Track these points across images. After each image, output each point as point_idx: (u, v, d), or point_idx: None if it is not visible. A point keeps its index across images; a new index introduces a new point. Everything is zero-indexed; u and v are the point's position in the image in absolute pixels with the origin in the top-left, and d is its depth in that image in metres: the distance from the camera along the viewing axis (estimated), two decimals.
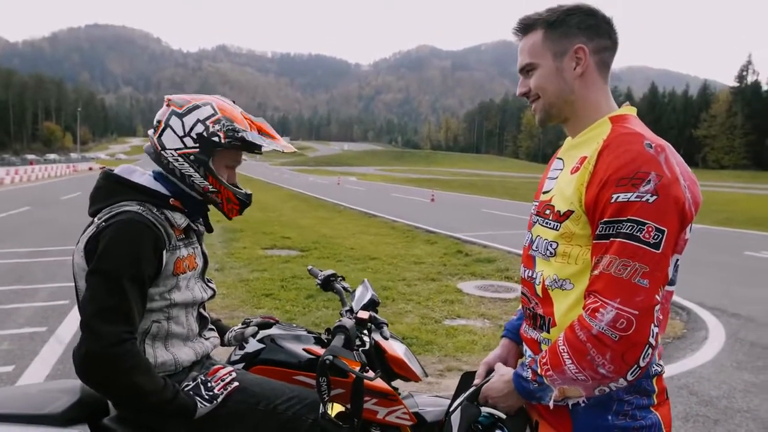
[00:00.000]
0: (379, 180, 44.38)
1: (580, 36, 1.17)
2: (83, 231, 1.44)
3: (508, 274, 7.38)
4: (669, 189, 1.03)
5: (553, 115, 1.24)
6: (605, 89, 1.22)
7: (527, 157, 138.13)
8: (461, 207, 19.38)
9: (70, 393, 1.44)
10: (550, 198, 1.22)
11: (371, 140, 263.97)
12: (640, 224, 1.01)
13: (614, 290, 1.02)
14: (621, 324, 1.01)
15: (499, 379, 1.23)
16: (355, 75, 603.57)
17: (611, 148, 1.09)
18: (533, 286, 1.23)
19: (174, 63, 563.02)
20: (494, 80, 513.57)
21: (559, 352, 1.08)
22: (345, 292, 1.93)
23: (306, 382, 1.59)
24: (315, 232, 11.41)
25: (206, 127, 1.45)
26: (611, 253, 1.04)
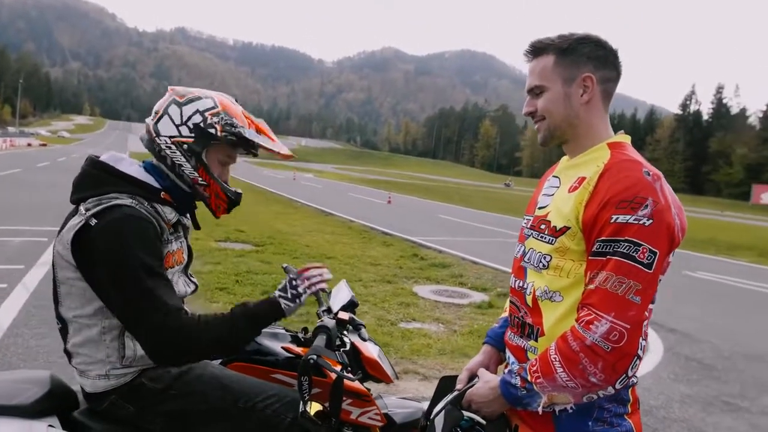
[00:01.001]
0: (336, 178, 44.22)
1: (589, 65, 1.24)
2: (66, 219, 1.39)
3: (462, 280, 7.54)
4: (663, 215, 1.11)
5: (555, 137, 1.30)
6: (605, 117, 1.29)
7: (483, 166, 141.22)
8: (417, 211, 19.60)
9: (39, 384, 1.39)
10: (545, 213, 1.28)
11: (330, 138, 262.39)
12: (636, 245, 1.09)
13: (609, 305, 1.09)
14: (614, 336, 1.08)
15: (484, 386, 1.27)
16: (318, 71, 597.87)
17: (612, 172, 1.16)
18: (523, 296, 1.28)
19: (128, 41, 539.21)
20: (456, 88, 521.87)
21: (550, 360, 1.14)
22: (322, 292, 1.93)
23: (284, 381, 1.59)
24: (270, 227, 11.26)
25: (204, 119, 1.43)
26: (608, 270, 1.11)
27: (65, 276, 1.36)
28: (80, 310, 1.37)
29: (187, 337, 1.31)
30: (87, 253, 1.31)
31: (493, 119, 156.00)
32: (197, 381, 1.46)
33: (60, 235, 1.37)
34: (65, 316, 1.39)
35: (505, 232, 14.40)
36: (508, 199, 35.51)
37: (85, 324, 1.37)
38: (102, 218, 1.31)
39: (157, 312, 1.29)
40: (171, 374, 1.45)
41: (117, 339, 1.38)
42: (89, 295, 1.35)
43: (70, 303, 1.38)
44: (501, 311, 5.62)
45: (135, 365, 1.40)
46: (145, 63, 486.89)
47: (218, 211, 1.54)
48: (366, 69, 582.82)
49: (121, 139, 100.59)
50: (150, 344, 1.31)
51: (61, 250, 1.35)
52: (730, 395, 4.12)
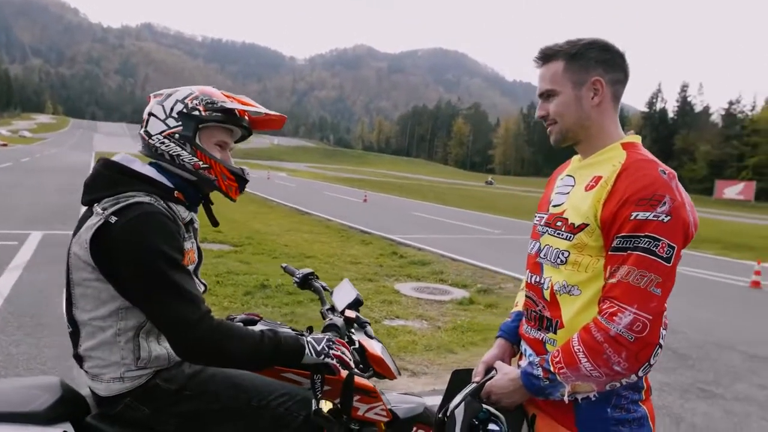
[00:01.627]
0: (310, 177, 43.97)
1: (598, 68, 1.29)
2: (82, 220, 1.38)
3: (443, 276, 7.62)
4: (679, 211, 1.17)
5: (568, 138, 1.36)
6: (615, 118, 1.34)
7: (456, 164, 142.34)
8: (393, 209, 19.66)
9: (50, 390, 1.37)
10: (562, 211, 1.33)
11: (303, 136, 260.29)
12: (656, 240, 1.15)
13: (632, 297, 1.15)
14: (637, 327, 1.14)
15: (503, 378, 1.32)
16: (290, 68, 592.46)
17: (630, 171, 1.21)
18: (541, 291, 1.34)
19: (92, 37, 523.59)
20: (429, 86, 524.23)
21: (573, 351, 1.19)
22: (324, 291, 1.95)
23: (294, 379, 1.60)
24: (247, 227, 11.16)
25: (185, 105, 1.45)
26: (629, 264, 1.16)
27: (81, 277, 1.35)
28: (95, 312, 1.36)
29: (220, 337, 1.32)
30: (108, 252, 1.31)
31: (466, 117, 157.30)
32: (211, 381, 1.47)
33: (77, 236, 1.36)
34: (79, 319, 1.38)
35: (482, 229, 14.60)
36: (482, 196, 35.92)
37: (99, 326, 1.36)
38: (123, 215, 1.31)
39: (191, 306, 1.31)
40: (185, 374, 1.45)
41: (132, 340, 1.37)
42: (105, 297, 1.35)
43: (85, 305, 1.37)
44: (482, 306, 5.72)
45: (150, 366, 1.40)
46: (110, 60, 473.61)
47: (231, 192, 1.53)
48: (338, 66, 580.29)
49: (86, 138, 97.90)
50: (182, 338, 1.31)
51: (78, 251, 1.34)
52: (704, 382, 4.28)
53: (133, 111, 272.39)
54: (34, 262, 6.57)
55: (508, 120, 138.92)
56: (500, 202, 29.76)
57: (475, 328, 5.15)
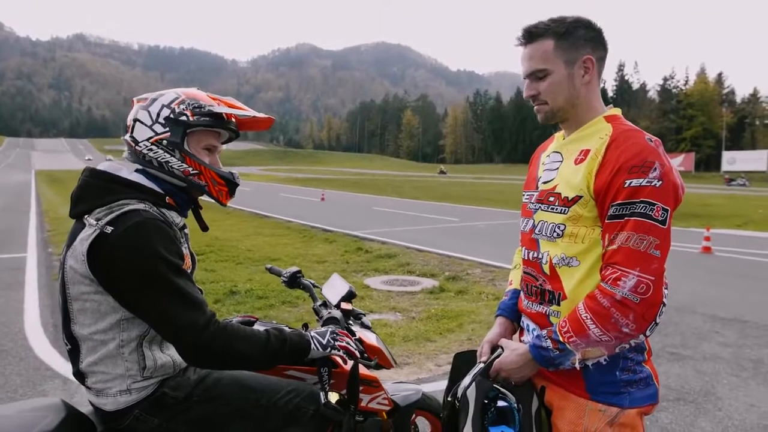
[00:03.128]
0: (263, 180, 43.28)
1: (587, 47, 1.31)
2: (74, 234, 1.31)
3: (410, 268, 7.67)
4: (669, 176, 1.21)
5: (557, 117, 1.37)
6: (598, 92, 1.37)
7: (408, 156, 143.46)
8: (352, 205, 19.63)
9: (54, 410, 1.32)
10: (553, 187, 1.35)
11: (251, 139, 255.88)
12: (651, 204, 1.19)
13: (634, 261, 1.19)
14: (641, 288, 1.18)
15: (511, 353, 1.34)
16: (233, 72, 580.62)
17: (619, 141, 1.25)
18: (539, 266, 1.36)
19: (20, 51, 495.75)
20: (374, 80, 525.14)
21: (581, 319, 1.22)
22: (314, 287, 1.91)
23: (297, 376, 1.59)
24: (206, 235, 10.78)
25: (172, 110, 1.41)
26: (628, 230, 1.20)
27: (79, 291, 1.29)
28: (95, 326, 1.30)
29: (227, 339, 1.30)
30: (107, 263, 1.25)
31: (414, 109, 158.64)
32: (218, 384, 1.44)
33: (71, 249, 1.30)
34: (78, 335, 1.32)
35: (441, 218, 14.78)
36: (437, 187, 36.36)
37: (100, 340, 1.31)
38: (118, 224, 1.26)
39: (196, 310, 1.28)
40: (191, 381, 1.42)
41: (136, 351, 1.33)
42: (105, 309, 1.30)
43: (84, 319, 1.31)
44: (452, 294, 5.78)
45: (156, 375, 1.36)
46: (42, 74, 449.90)
47: (222, 197, 1.50)
48: (282, 67, 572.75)
49: (23, 157, 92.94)
50: (189, 344, 1.28)
51: (74, 265, 1.29)
52: (673, 346, 4.48)
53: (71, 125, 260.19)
54: None
55: (455, 109, 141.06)
56: (454, 191, 30.22)
57: (449, 315, 5.21)
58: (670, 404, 3.35)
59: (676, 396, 3.48)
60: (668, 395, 3.47)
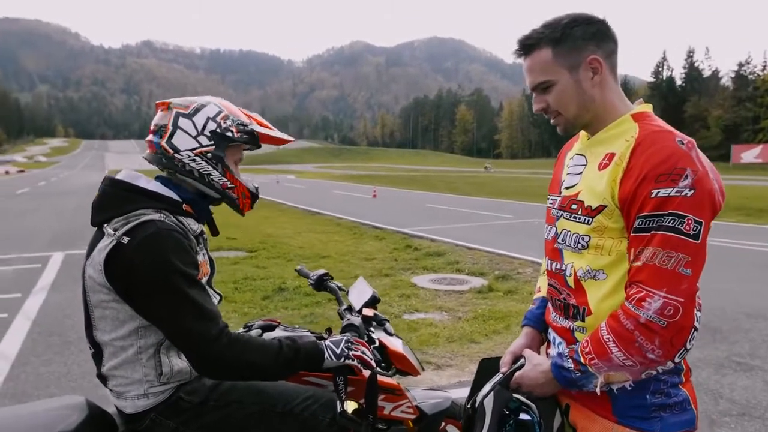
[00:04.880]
0: (318, 177, 44.04)
1: (590, 45, 1.19)
2: (94, 242, 1.36)
3: (459, 266, 7.55)
4: (703, 183, 1.08)
5: (578, 126, 1.27)
6: (618, 89, 1.25)
7: (462, 151, 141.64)
8: (404, 202, 19.60)
9: (78, 409, 1.38)
10: (576, 193, 1.24)
11: (307, 137, 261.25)
12: (680, 217, 1.07)
13: (660, 280, 1.08)
14: (668, 311, 1.06)
15: (534, 369, 1.26)
16: (289, 71, 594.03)
17: (645, 145, 1.13)
18: (563, 278, 1.26)
19: (95, 59, 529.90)
20: (428, 76, 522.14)
21: (603, 341, 1.12)
22: (340, 291, 1.91)
23: (315, 382, 1.58)
24: (260, 232, 11.17)
25: (218, 124, 1.45)
26: (654, 245, 1.08)
27: (99, 299, 1.34)
28: (115, 332, 1.35)
29: (238, 351, 1.31)
30: (123, 273, 1.29)
31: (468, 104, 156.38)
32: (233, 390, 1.46)
33: (90, 258, 1.34)
34: (100, 340, 1.37)
35: (495, 215, 14.48)
36: (490, 182, 35.69)
37: (120, 346, 1.36)
38: (135, 235, 1.30)
39: (208, 322, 1.29)
40: (207, 386, 1.44)
41: (153, 357, 1.37)
42: (123, 317, 1.34)
43: (105, 326, 1.36)
44: (501, 294, 5.61)
45: (172, 381, 1.40)
46: (113, 80, 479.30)
47: (245, 209, 1.57)
48: (336, 65, 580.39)
49: (98, 159, 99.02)
50: (201, 355, 1.30)
51: (92, 274, 1.33)
52: (740, 355, 4.16)
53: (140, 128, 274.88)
54: (57, 283, 6.63)
55: (511, 103, 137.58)
56: (509, 187, 29.54)
57: (496, 316, 5.08)
58: (734, 419, 3.11)
59: (740, 411, 3.22)
60: (731, 410, 3.22)
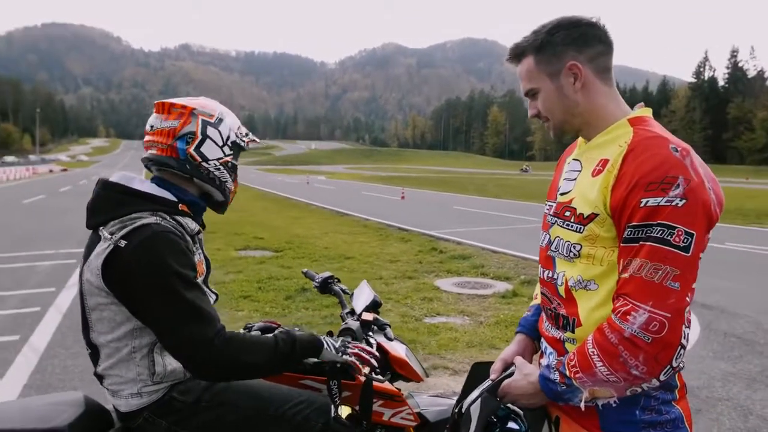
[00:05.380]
0: (348, 178, 44.28)
1: (570, 51, 1.18)
2: (90, 246, 1.38)
3: (484, 270, 7.47)
4: (696, 192, 1.04)
5: (566, 131, 1.26)
6: (610, 92, 1.21)
7: (494, 153, 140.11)
8: (432, 204, 19.52)
9: (75, 405, 1.42)
10: (569, 200, 1.21)
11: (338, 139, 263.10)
12: (670, 228, 1.03)
13: (646, 294, 1.03)
14: (654, 326, 1.02)
15: (523, 378, 1.22)
16: (321, 73, 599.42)
17: (637, 152, 1.09)
18: (555, 287, 1.23)
19: (135, 62, 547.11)
20: (460, 77, 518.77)
21: (588, 354, 1.09)
22: (344, 294, 1.91)
23: (312, 386, 1.58)
24: (287, 232, 11.31)
25: (237, 136, 1.55)
26: (641, 257, 1.05)
27: (96, 303, 1.36)
28: (111, 334, 1.37)
29: (234, 351, 1.32)
30: (121, 277, 1.31)
31: (501, 105, 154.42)
32: (227, 391, 1.47)
33: (87, 262, 1.36)
34: (97, 342, 1.40)
35: (523, 219, 14.27)
36: (522, 185, 35.19)
37: (115, 347, 1.38)
38: (131, 239, 1.31)
39: (204, 324, 1.31)
40: (200, 386, 1.46)
41: (146, 357, 1.39)
42: (120, 319, 1.36)
43: (102, 328, 1.38)
44: (526, 299, 5.53)
45: (165, 381, 1.42)
46: (153, 82, 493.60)
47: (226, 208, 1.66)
48: (368, 67, 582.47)
49: (136, 158, 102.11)
50: (196, 358, 1.31)
51: (90, 278, 1.35)
52: None
53: None
54: None
55: None
56: (540, 190, 29.01)
57: (519, 322, 4.99)
58: None
59: None
60: (761, 427, 3.09)
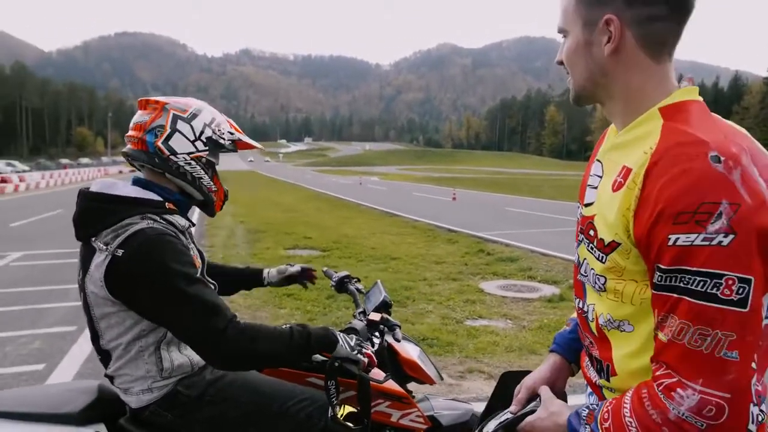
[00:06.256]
0: (400, 179, 44.37)
1: (617, 2, 0.88)
2: (86, 258, 1.39)
3: (531, 273, 7.28)
4: (751, 221, 0.75)
5: (584, 97, 1.00)
6: (659, 71, 0.91)
7: (551, 154, 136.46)
8: (484, 206, 19.22)
9: (88, 393, 1.48)
10: (592, 215, 0.97)
11: (393, 140, 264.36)
12: (715, 277, 0.75)
13: (694, 368, 0.78)
14: (709, 411, 0.77)
15: (549, 417, 1.01)
16: (376, 75, 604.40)
17: (663, 164, 0.81)
18: (587, 322, 1.02)
19: (199, 68, 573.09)
20: (516, 76, 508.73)
21: (625, 424, 0.84)
22: (359, 293, 1.92)
23: (318, 384, 1.59)
24: (336, 232, 11.46)
25: (213, 131, 1.52)
26: (681, 318, 0.79)
27: (103, 312, 1.39)
28: (121, 339, 1.41)
29: (248, 340, 1.32)
30: (125, 285, 1.33)
31: (558, 105, 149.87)
32: (231, 386, 1.49)
33: (88, 275, 1.37)
34: (107, 348, 1.43)
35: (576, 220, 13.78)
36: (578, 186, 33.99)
37: (125, 349, 1.42)
38: (127, 247, 1.32)
39: (216, 316, 1.32)
40: (206, 381, 1.48)
41: (154, 354, 1.42)
42: (128, 324, 1.39)
43: (111, 335, 1.41)
44: (572, 304, 5.33)
45: (174, 375, 1.45)
46: (215, 86, 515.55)
47: (216, 210, 1.64)
48: (423, 68, 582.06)
49: None
50: (213, 349, 1.32)
51: (94, 290, 1.36)
52: None
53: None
54: None
55: None
56: None
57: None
58: None
59: None
60: None
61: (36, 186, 29.14)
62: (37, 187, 29.00)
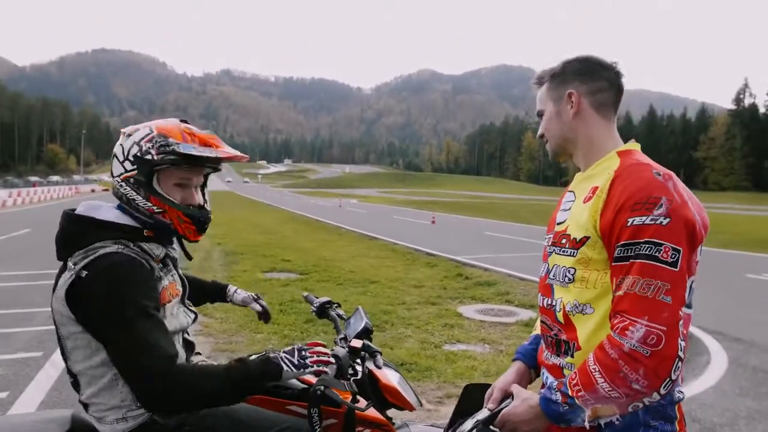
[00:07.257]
0: (380, 202, 44.49)
1: (574, 81, 1.32)
2: (58, 276, 1.39)
3: (509, 297, 7.35)
4: (679, 212, 1.11)
5: (559, 153, 1.40)
6: (607, 126, 1.33)
7: (528, 179, 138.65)
8: (463, 229, 19.39)
9: (60, 423, 1.43)
10: (565, 228, 1.30)
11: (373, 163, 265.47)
12: (657, 245, 1.10)
13: (641, 308, 1.09)
14: (651, 340, 1.07)
15: (522, 404, 1.22)
16: (357, 98, 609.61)
17: (623, 177, 1.18)
18: (554, 314, 1.29)
19: (178, 87, 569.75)
20: (494, 104, 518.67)
21: (590, 371, 1.12)
22: (340, 319, 1.92)
23: (299, 412, 1.57)
24: (315, 255, 11.40)
25: (140, 148, 1.43)
26: (633, 274, 1.11)
27: (68, 331, 1.37)
28: (88, 361, 1.38)
29: (179, 384, 1.29)
30: (83, 305, 1.32)
31: (535, 131, 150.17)
32: (210, 416, 1.46)
33: (55, 292, 1.37)
34: (75, 370, 1.41)
35: None
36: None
37: (93, 375, 1.39)
38: (91, 268, 1.32)
39: (152, 357, 1.28)
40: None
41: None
42: (95, 346, 1.36)
43: (77, 356, 1.39)
44: None
45: None
46: (194, 106, 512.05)
47: (189, 234, 1.49)
48: (404, 92, 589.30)
49: None
50: (142, 389, 1.29)
51: (58, 308, 1.36)
52: None
53: None
54: None
55: None
56: None
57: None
58: None
59: None
60: None
61: (3, 204, 28.33)
62: (3, 206, 28.21)
